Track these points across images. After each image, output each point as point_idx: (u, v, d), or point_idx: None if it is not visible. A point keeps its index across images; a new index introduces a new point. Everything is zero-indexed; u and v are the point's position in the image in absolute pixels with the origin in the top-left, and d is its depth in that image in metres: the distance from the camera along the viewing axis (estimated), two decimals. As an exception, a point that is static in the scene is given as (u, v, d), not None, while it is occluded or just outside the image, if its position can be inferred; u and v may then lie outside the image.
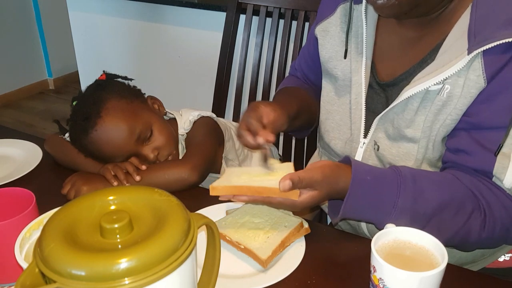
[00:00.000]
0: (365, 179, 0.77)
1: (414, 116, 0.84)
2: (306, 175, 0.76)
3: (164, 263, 0.48)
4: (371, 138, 0.92)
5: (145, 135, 1.02)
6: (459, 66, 0.77)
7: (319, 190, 0.77)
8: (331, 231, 0.87)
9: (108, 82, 1.07)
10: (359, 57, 0.94)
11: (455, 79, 0.78)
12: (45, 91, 4.08)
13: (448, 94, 0.80)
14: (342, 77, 0.97)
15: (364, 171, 0.78)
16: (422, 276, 0.59)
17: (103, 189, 0.58)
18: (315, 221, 1.02)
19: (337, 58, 0.98)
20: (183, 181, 0.98)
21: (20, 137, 1.21)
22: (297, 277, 0.75)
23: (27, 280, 0.49)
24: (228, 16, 1.59)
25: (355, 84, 0.94)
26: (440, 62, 0.80)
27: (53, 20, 3.91)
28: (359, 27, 0.94)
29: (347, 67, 0.96)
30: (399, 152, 0.88)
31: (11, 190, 0.80)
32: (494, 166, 0.77)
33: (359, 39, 0.94)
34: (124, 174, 0.96)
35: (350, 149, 0.97)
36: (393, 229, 0.67)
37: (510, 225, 0.80)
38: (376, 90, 0.94)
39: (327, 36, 1.00)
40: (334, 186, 0.78)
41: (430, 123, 0.83)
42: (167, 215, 0.53)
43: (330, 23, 0.99)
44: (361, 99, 0.93)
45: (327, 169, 0.78)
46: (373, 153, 0.93)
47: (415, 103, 0.83)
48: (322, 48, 1.01)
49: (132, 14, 2.42)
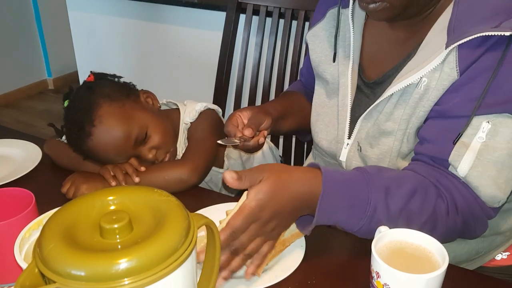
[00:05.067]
0: (335, 177, 0.73)
1: (393, 110, 0.87)
2: (247, 170, 0.71)
3: (164, 263, 0.48)
4: (355, 139, 0.94)
5: (141, 137, 1.01)
6: (438, 61, 0.79)
7: (265, 180, 0.69)
8: (331, 231, 0.87)
9: (98, 83, 1.06)
10: (346, 60, 0.97)
11: (432, 72, 0.81)
12: (45, 91, 4.07)
13: (425, 87, 0.82)
14: (331, 80, 1.00)
15: (333, 171, 0.75)
16: (428, 277, 0.59)
17: (103, 189, 0.58)
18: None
19: (326, 62, 1.01)
20: (183, 182, 0.97)
21: (20, 137, 1.21)
22: (297, 277, 0.75)
23: (27, 280, 0.49)
24: (228, 16, 1.59)
25: (342, 87, 0.97)
26: (420, 57, 0.83)
27: (53, 19, 3.91)
28: (346, 30, 0.97)
29: (335, 70, 0.99)
30: (380, 150, 0.90)
31: (11, 190, 0.80)
32: (450, 154, 0.78)
33: (346, 43, 0.97)
34: (123, 175, 0.96)
35: (336, 149, 1.00)
36: (390, 231, 0.67)
37: (468, 214, 0.78)
38: (364, 92, 0.96)
39: (316, 40, 1.03)
40: (284, 174, 0.71)
41: (407, 116, 0.85)
42: (167, 215, 0.53)
43: (320, 28, 1.02)
44: (347, 101, 0.96)
45: (275, 165, 0.74)
46: (356, 154, 0.95)
47: (395, 97, 0.86)
48: (312, 53, 1.04)
49: (131, 14, 2.42)
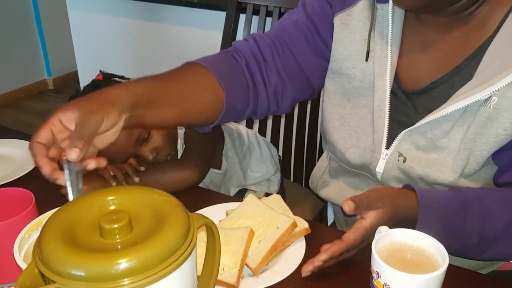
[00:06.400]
0: (431, 206, 0.73)
1: (452, 127, 0.80)
2: (363, 195, 0.72)
3: (164, 263, 0.48)
4: (395, 149, 0.86)
5: (143, 136, 1.02)
6: (510, 79, 0.72)
7: (382, 208, 0.72)
8: (331, 231, 0.87)
9: (105, 82, 1.07)
10: (384, 61, 0.86)
11: (503, 91, 0.74)
12: (45, 91, 4.07)
13: (495, 106, 0.75)
14: (360, 78, 0.89)
15: (429, 198, 0.74)
16: (428, 277, 0.59)
17: (103, 189, 0.58)
18: (315, 221, 1.02)
19: (357, 58, 0.89)
20: (183, 181, 0.97)
21: (20, 137, 1.20)
22: (297, 277, 0.74)
23: (27, 280, 0.49)
24: (228, 15, 1.58)
25: (379, 90, 0.86)
26: (487, 75, 0.75)
27: (53, 19, 3.91)
28: (384, 27, 0.85)
29: (368, 69, 0.88)
30: (432, 164, 0.82)
31: (11, 190, 0.80)
32: None
33: (384, 41, 0.86)
34: (123, 175, 0.96)
35: (370, 160, 0.90)
36: (390, 231, 0.67)
37: None
38: (400, 98, 0.87)
39: (346, 30, 0.89)
40: (395, 202, 0.73)
41: (473, 135, 0.78)
42: (167, 215, 0.53)
43: (351, 16, 0.88)
44: (384, 107, 0.86)
45: (383, 189, 0.76)
46: (395, 165, 0.87)
47: (456, 115, 0.78)
48: (339, 44, 0.90)
49: (131, 14, 2.42)
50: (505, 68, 0.73)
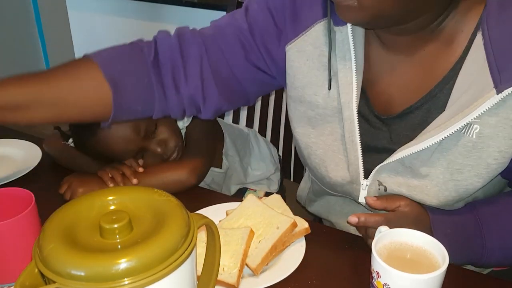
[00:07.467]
0: (445, 233, 0.75)
1: (432, 155, 0.75)
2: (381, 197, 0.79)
3: (164, 263, 0.48)
4: (373, 178, 0.81)
5: (151, 129, 1.01)
6: (487, 106, 0.67)
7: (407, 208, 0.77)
8: (331, 231, 0.87)
9: None
10: (349, 88, 0.79)
11: (485, 119, 0.69)
12: (45, 91, 4.08)
13: (478, 135, 0.70)
14: (323, 105, 0.83)
15: (443, 224, 0.77)
16: (428, 277, 0.59)
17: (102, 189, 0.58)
18: (315, 221, 1.02)
19: (317, 84, 0.82)
20: (181, 183, 0.97)
21: (20, 137, 1.20)
22: (297, 278, 0.74)
23: (27, 280, 0.49)
24: (228, 15, 1.59)
25: (347, 120, 0.80)
26: (462, 104, 0.70)
27: (53, 20, 3.91)
28: (346, 51, 0.78)
29: (332, 96, 0.81)
30: (414, 190, 0.78)
31: (11, 190, 0.80)
32: None
33: (347, 67, 0.78)
34: (121, 176, 0.96)
35: (351, 190, 0.85)
36: (390, 231, 0.67)
37: None
38: (374, 124, 0.83)
39: (302, 57, 0.83)
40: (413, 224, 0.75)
41: (460, 166, 0.73)
42: (166, 215, 0.53)
43: (307, 42, 0.82)
44: (355, 138, 0.80)
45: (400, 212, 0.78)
46: (377, 193, 0.82)
47: (433, 146, 0.74)
48: (298, 72, 0.84)
49: (131, 14, 2.42)
50: (480, 95, 0.68)
